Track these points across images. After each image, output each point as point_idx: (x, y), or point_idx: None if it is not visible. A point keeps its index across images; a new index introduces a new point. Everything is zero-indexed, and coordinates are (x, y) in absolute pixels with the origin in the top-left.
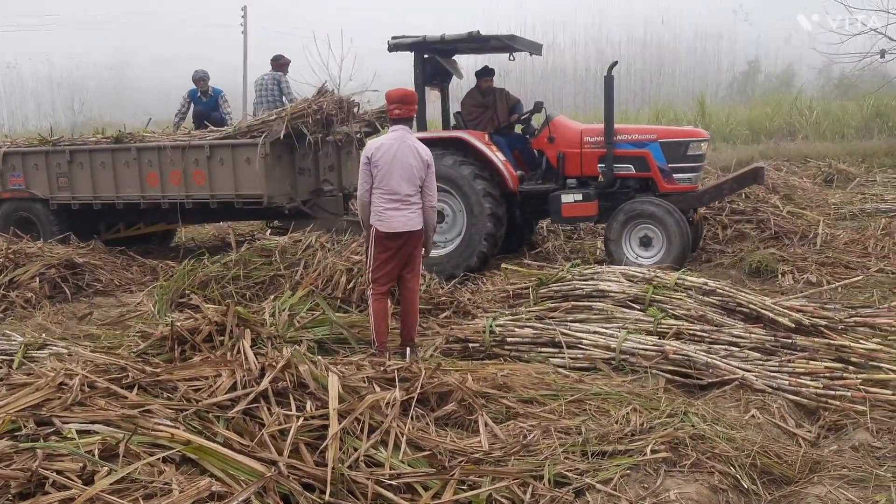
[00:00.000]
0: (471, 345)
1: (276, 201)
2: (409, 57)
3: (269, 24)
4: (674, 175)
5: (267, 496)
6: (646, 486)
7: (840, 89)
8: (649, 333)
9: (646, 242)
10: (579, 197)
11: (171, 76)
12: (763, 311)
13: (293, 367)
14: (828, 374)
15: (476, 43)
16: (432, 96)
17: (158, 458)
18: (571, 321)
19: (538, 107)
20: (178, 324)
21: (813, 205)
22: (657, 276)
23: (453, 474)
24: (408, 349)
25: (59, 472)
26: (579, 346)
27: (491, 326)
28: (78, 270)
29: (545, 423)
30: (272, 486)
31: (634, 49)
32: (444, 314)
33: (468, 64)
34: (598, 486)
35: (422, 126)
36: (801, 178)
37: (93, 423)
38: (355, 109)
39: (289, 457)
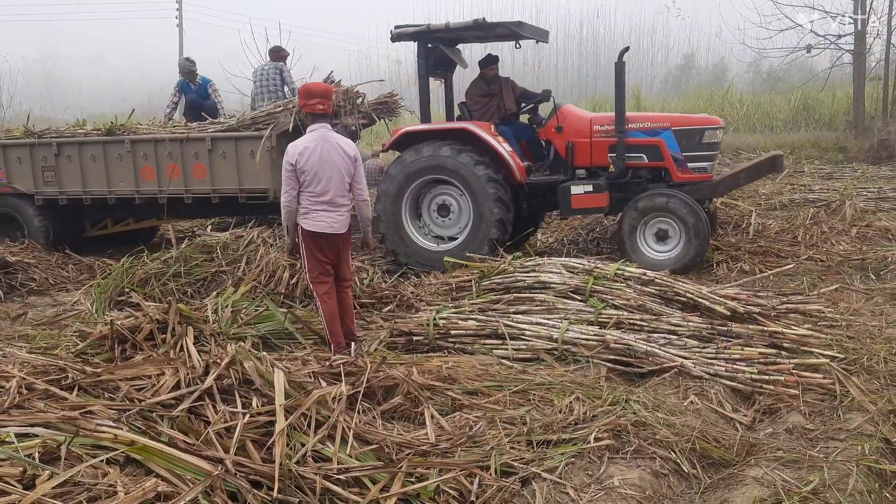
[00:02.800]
0: (415, 338)
1: None
2: (346, 51)
3: (206, 16)
4: (688, 164)
5: (214, 495)
6: (590, 473)
7: (769, 83)
8: (590, 324)
9: (661, 237)
10: (589, 188)
11: (103, 70)
12: (700, 299)
13: (238, 363)
14: (762, 360)
15: (481, 31)
16: (435, 87)
17: (102, 460)
18: (514, 313)
19: (546, 95)
20: (118, 322)
21: (745, 195)
22: (597, 268)
23: (401, 467)
24: (352, 344)
25: None
26: (522, 337)
27: (434, 319)
28: (10, 269)
29: (490, 414)
30: (219, 485)
31: (571, 43)
32: (388, 308)
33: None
34: (544, 474)
35: (426, 118)
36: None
37: (32, 426)
38: (359, 101)
39: (235, 454)
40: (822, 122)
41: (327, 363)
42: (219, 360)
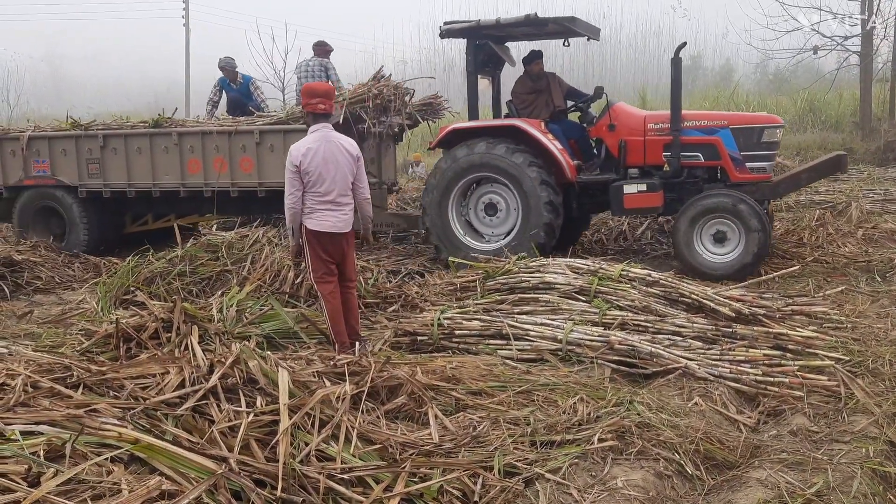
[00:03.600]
0: (419, 338)
1: None
2: (352, 51)
3: (212, 16)
4: (746, 164)
5: (218, 493)
6: (594, 474)
7: (775, 84)
8: (595, 324)
9: (720, 239)
10: (643, 187)
11: (108, 69)
12: (704, 301)
13: (242, 362)
14: (766, 362)
15: (532, 27)
16: (482, 85)
17: (106, 458)
18: (518, 313)
19: (598, 92)
20: (124, 321)
21: None
22: (602, 268)
23: (404, 467)
24: (356, 343)
25: (2, 475)
26: (526, 337)
27: (439, 319)
28: (17, 268)
29: (494, 415)
30: (223, 483)
31: (577, 43)
32: (393, 308)
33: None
34: (548, 475)
35: (474, 116)
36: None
37: (37, 423)
38: (407, 98)
39: (239, 453)
40: (828, 123)
41: (331, 363)
42: (223, 359)
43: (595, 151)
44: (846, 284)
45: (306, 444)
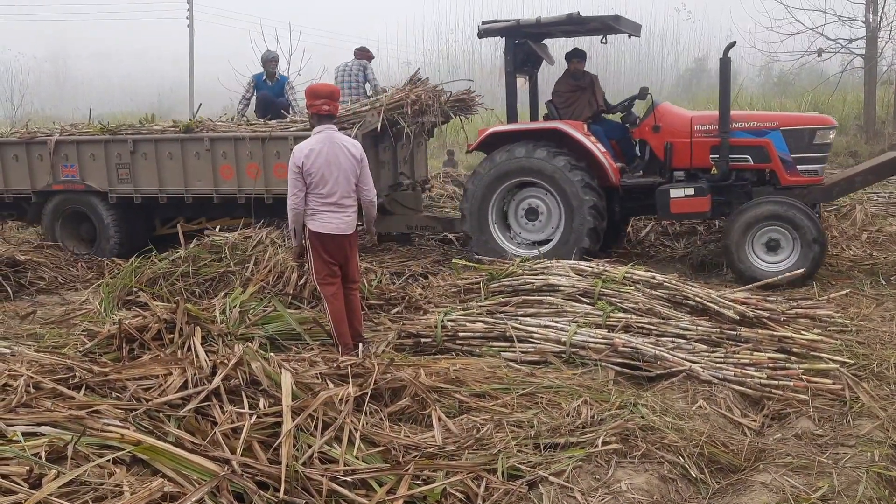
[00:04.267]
0: (423, 340)
1: None
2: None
3: (214, 16)
4: (798, 166)
5: (220, 495)
6: (597, 477)
7: (779, 87)
8: (599, 327)
9: (773, 247)
10: (691, 191)
11: (112, 69)
12: (709, 303)
13: (245, 364)
14: (771, 365)
15: (574, 25)
16: (518, 84)
17: (108, 460)
18: (522, 315)
19: (643, 93)
20: (127, 322)
21: None
22: (606, 271)
23: (408, 469)
24: (359, 345)
25: (4, 476)
26: (530, 340)
27: (442, 321)
28: (20, 268)
29: (498, 417)
30: (226, 486)
31: (580, 45)
32: (396, 309)
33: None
34: (551, 478)
35: (512, 117)
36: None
37: (39, 424)
38: (442, 99)
39: (242, 455)
40: None
41: (335, 364)
42: (226, 361)
43: (638, 153)
44: (850, 287)
45: (309, 447)
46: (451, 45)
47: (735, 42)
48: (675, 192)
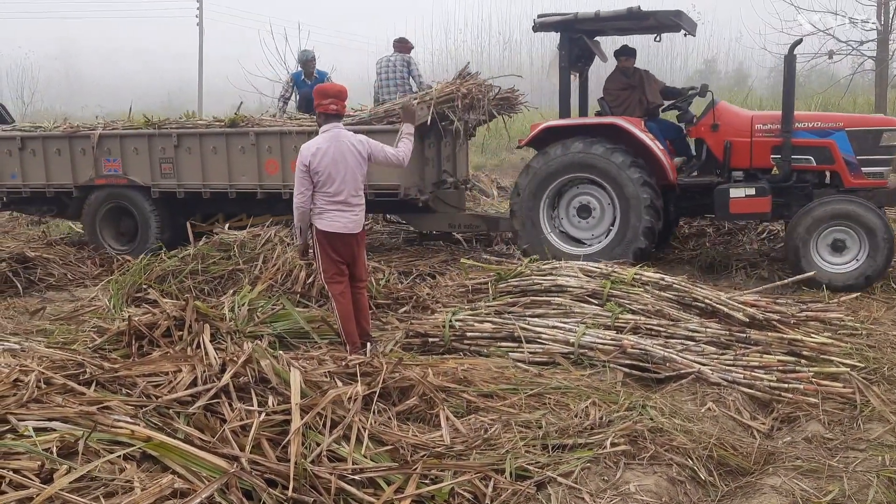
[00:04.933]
0: (430, 339)
1: (411, 193)
2: (366, 52)
3: (224, 15)
4: (862, 168)
5: (229, 492)
6: (606, 478)
7: None
8: (607, 328)
9: (838, 248)
10: (751, 192)
11: (121, 67)
12: (718, 305)
13: (254, 362)
14: (781, 368)
15: (634, 20)
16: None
17: (119, 456)
18: (530, 316)
19: (703, 89)
20: (136, 319)
21: None
22: (615, 272)
23: (415, 468)
24: (367, 344)
25: (16, 471)
26: (538, 340)
27: (450, 321)
28: (30, 264)
29: (506, 417)
30: (234, 483)
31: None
32: (404, 309)
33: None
34: (559, 479)
35: (565, 113)
36: None
37: (50, 420)
38: (491, 95)
39: (251, 452)
40: None
41: (343, 363)
42: (235, 358)
43: (693, 152)
44: (861, 290)
45: (318, 445)
46: (459, 45)
47: (801, 40)
48: (735, 193)
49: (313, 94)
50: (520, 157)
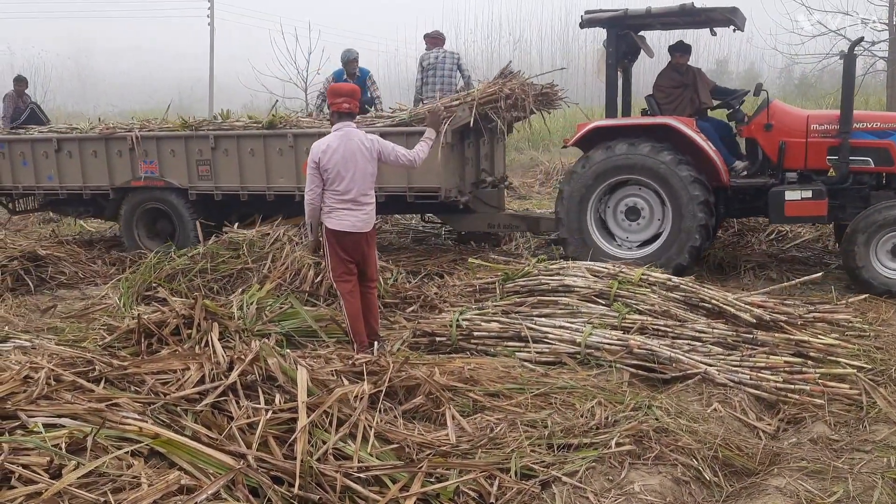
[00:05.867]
0: (437, 339)
1: (452, 195)
2: (375, 51)
3: (235, 14)
4: None
5: (236, 489)
6: (610, 478)
7: (801, 89)
8: (614, 328)
9: None
10: (808, 194)
11: (133, 66)
12: (725, 306)
13: (262, 360)
14: (787, 369)
15: (687, 17)
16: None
17: (126, 452)
18: (537, 316)
19: (758, 89)
20: (145, 317)
21: None
22: (622, 272)
23: (421, 467)
24: (375, 343)
25: (25, 467)
26: (545, 340)
27: (457, 321)
28: (41, 263)
29: (511, 417)
30: (241, 480)
31: (600, 45)
32: (411, 308)
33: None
34: (564, 478)
35: (612, 112)
36: None
37: (59, 416)
38: (532, 93)
39: (257, 450)
40: None
41: (350, 362)
42: (243, 357)
43: (744, 152)
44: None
45: (324, 443)
46: (469, 45)
47: (862, 38)
48: (791, 195)
49: (328, 94)
50: (528, 157)
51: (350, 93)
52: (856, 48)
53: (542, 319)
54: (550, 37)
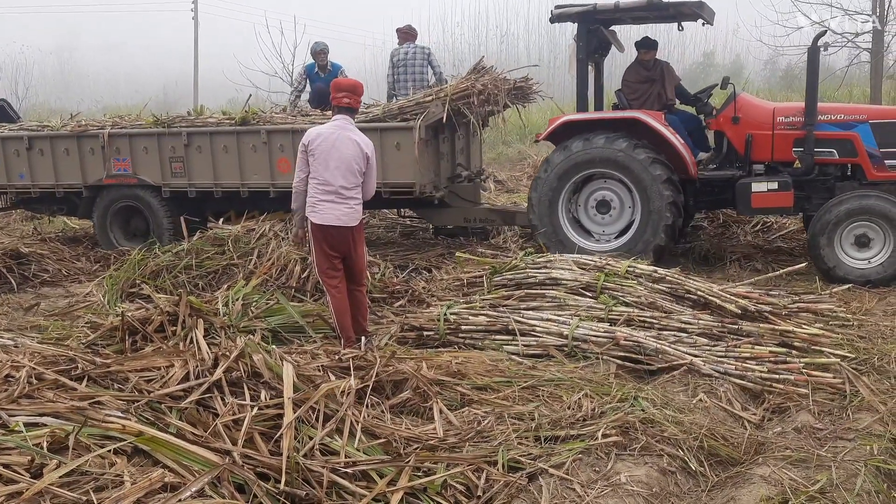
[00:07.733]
0: (425, 333)
1: (427, 190)
2: (361, 45)
3: (219, 9)
4: (886, 161)
5: (221, 486)
6: (597, 469)
7: (785, 81)
8: (601, 320)
9: (863, 243)
10: (774, 185)
11: (117, 62)
12: (710, 297)
13: (247, 356)
14: (772, 359)
15: (654, 11)
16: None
17: (109, 451)
18: (525, 309)
19: (724, 82)
20: (129, 314)
21: None
22: (609, 265)
23: (408, 461)
24: (362, 339)
25: (6, 466)
26: (532, 333)
27: (445, 314)
28: (24, 260)
29: (499, 410)
30: (226, 476)
31: (570, 41)
32: (399, 303)
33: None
34: (551, 470)
35: (582, 106)
36: None
37: (41, 415)
38: (506, 88)
39: (243, 446)
40: None
41: (336, 357)
42: (228, 353)
43: (712, 145)
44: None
45: (310, 438)
46: (456, 39)
47: (826, 31)
48: (758, 187)
49: (331, 88)
50: (517, 151)
51: (351, 88)
52: (820, 39)
53: (530, 312)
54: (537, 30)
